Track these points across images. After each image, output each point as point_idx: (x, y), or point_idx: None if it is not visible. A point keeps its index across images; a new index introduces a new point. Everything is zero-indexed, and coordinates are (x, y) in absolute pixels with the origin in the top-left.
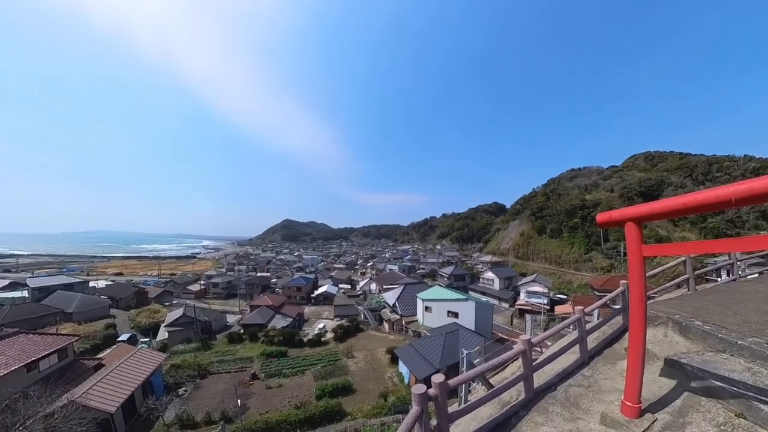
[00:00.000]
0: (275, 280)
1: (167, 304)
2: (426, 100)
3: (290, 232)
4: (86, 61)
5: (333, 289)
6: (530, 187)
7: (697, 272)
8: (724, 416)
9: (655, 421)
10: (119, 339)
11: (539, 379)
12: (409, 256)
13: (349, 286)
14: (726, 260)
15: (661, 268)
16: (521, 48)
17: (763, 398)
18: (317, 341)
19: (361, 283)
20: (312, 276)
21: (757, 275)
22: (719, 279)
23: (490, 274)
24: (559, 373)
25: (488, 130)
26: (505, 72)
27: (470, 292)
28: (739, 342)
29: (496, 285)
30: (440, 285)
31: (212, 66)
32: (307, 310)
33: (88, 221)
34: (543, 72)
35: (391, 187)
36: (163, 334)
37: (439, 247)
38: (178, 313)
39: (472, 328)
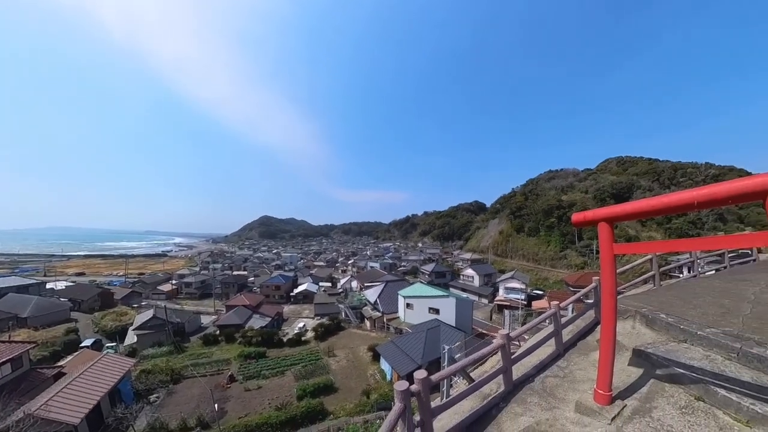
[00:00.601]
0: (253, 278)
1: (135, 305)
2: (408, 97)
3: (268, 229)
4: (38, 37)
5: (313, 288)
6: (510, 187)
7: (662, 269)
8: (685, 400)
9: (624, 407)
10: (82, 345)
11: (518, 371)
12: (390, 254)
13: (329, 284)
14: (687, 258)
15: (630, 266)
16: (502, 52)
17: (718, 383)
18: (297, 341)
19: (342, 281)
20: (291, 274)
21: (714, 272)
22: (681, 275)
23: (470, 271)
24: (536, 365)
25: (470, 130)
26: (486, 74)
27: (451, 289)
28: (698, 332)
29: (476, 282)
30: (421, 282)
31: (184, 51)
32: (287, 309)
33: (46, 217)
34: (522, 77)
35: (372, 184)
36: (131, 337)
37: (420, 244)
38: (147, 315)
39: (453, 324)
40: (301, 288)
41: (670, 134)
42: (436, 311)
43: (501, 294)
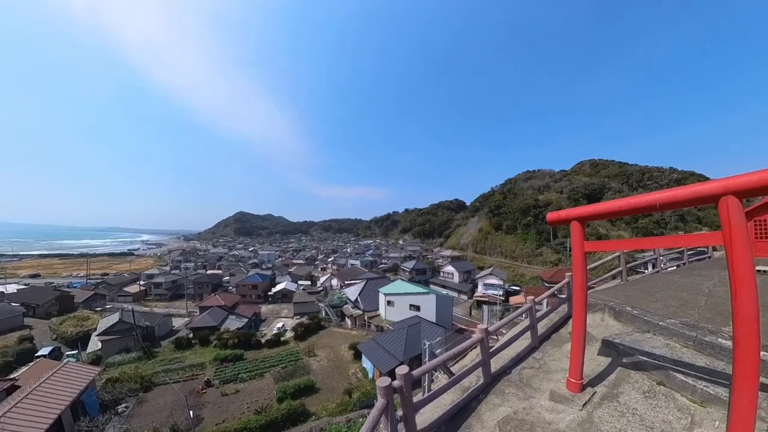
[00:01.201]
0: (228, 277)
1: (99, 309)
2: (392, 93)
3: (244, 226)
4: None
5: (292, 286)
6: (489, 186)
7: (628, 265)
8: (648, 385)
9: (594, 393)
10: (38, 354)
11: (496, 364)
12: (371, 251)
13: (309, 283)
14: (651, 255)
15: (600, 262)
16: (484, 52)
17: (677, 368)
18: (276, 341)
19: (322, 279)
20: (269, 272)
21: (675, 268)
22: (646, 271)
23: (450, 268)
24: (513, 358)
25: (452, 129)
26: (469, 74)
27: (431, 286)
28: (660, 323)
29: (456, 278)
30: (402, 279)
31: (152, 30)
32: (264, 309)
33: None
34: (504, 78)
35: (353, 181)
36: (95, 344)
37: (401, 241)
38: (113, 319)
39: (434, 320)
40: (279, 287)
41: (640, 140)
42: (417, 308)
43: (480, 290)
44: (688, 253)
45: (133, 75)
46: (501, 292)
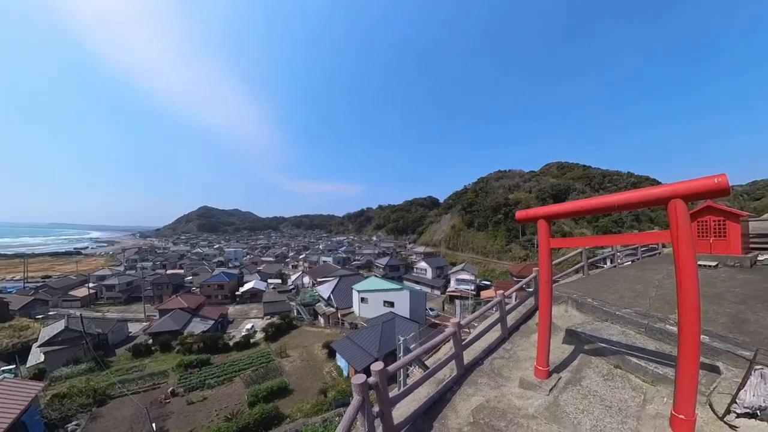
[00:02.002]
0: (191, 277)
1: (40, 316)
2: (369, 89)
3: (209, 222)
4: None
5: (261, 285)
6: (462, 184)
7: (589, 261)
8: (606, 368)
9: (559, 379)
10: None
11: (468, 356)
12: (344, 248)
13: (279, 281)
14: (610, 251)
15: (564, 257)
16: (461, 55)
17: (631, 352)
18: (246, 343)
19: (293, 277)
20: (236, 271)
21: (630, 263)
22: (605, 266)
23: (423, 264)
24: (485, 349)
25: (427, 127)
26: (445, 75)
27: (405, 282)
28: (617, 313)
29: (429, 274)
30: (376, 276)
31: (104, 2)
32: (232, 309)
33: None
34: (480, 81)
35: (326, 176)
36: (36, 356)
37: (375, 238)
38: (57, 327)
39: (408, 316)
40: (247, 286)
41: (603, 145)
42: (391, 304)
43: (452, 285)
44: (642, 249)
45: (82, 52)
46: (473, 287)
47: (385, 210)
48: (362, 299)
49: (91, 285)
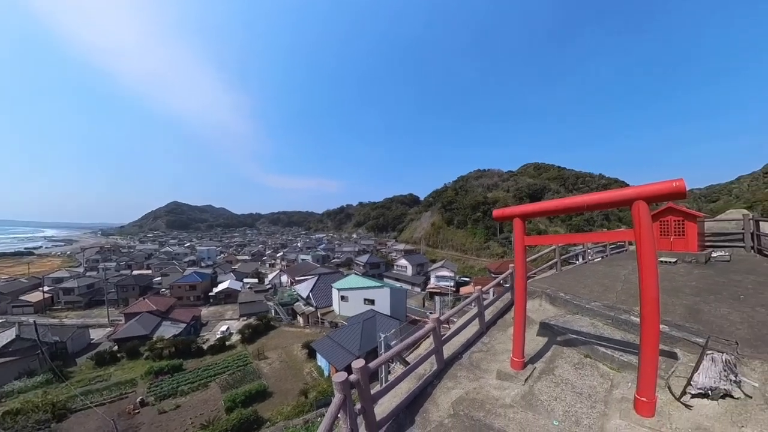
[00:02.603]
0: (160, 278)
1: None
2: (352, 84)
3: (179, 218)
4: None
5: (237, 285)
6: (443, 182)
7: (562, 257)
8: (577, 358)
9: (534, 369)
10: None
11: (448, 350)
12: (323, 245)
13: (256, 280)
14: (581, 248)
15: (539, 254)
16: (445, 56)
17: (600, 342)
18: (221, 346)
19: (270, 276)
20: (209, 271)
21: (599, 259)
22: (576, 262)
23: (403, 261)
24: (464, 343)
25: (411, 125)
26: (431, 75)
27: (385, 279)
28: (587, 306)
29: (409, 271)
30: (356, 274)
31: None
32: (205, 311)
33: None
34: (463, 82)
35: (305, 171)
36: None
37: (355, 235)
38: (7, 336)
39: (388, 313)
40: (222, 286)
41: (577, 148)
42: (372, 302)
43: (432, 282)
44: (610, 247)
45: (35, 25)
46: (452, 284)
47: (366, 207)
48: (342, 297)
49: (46, 288)
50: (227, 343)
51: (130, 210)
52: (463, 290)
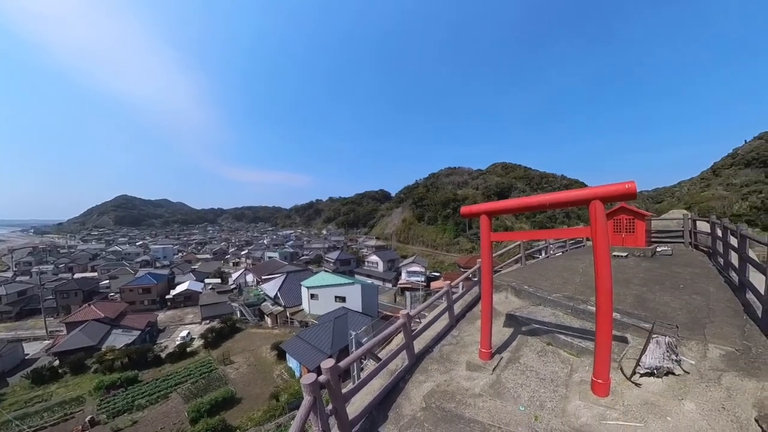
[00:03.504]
0: (108, 281)
1: None
2: (322, 73)
3: (129, 214)
4: None
5: (197, 286)
6: (414, 179)
7: (527, 252)
8: (540, 346)
9: (501, 359)
10: None
11: (419, 345)
12: (291, 242)
13: (218, 281)
14: (544, 244)
15: (505, 249)
16: (418, 51)
17: (560, 331)
18: (181, 353)
19: (235, 276)
20: (166, 271)
21: (560, 254)
22: (539, 257)
23: (374, 258)
24: (434, 337)
25: (382, 120)
26: (404, 71)
27: (356, 276)
28: (548, 297)
29: (380, 267)
30: (326, 271)
31: None
32: (162, 316)
33: None
34: (435, 78)
35: (272, 164)
36: None
37: (324, 231)
38: None
39: (360, 310)
40: (180, 288)
41: (542, 149)
42: (343, 299)
43: (404, 277)
44: (570, 242)
45: None
46: (423, 279)
47: (336, 202)
48: (312, 296)
49: None
50: (188, 349)
51: (70, 205)
52: (434, 285)
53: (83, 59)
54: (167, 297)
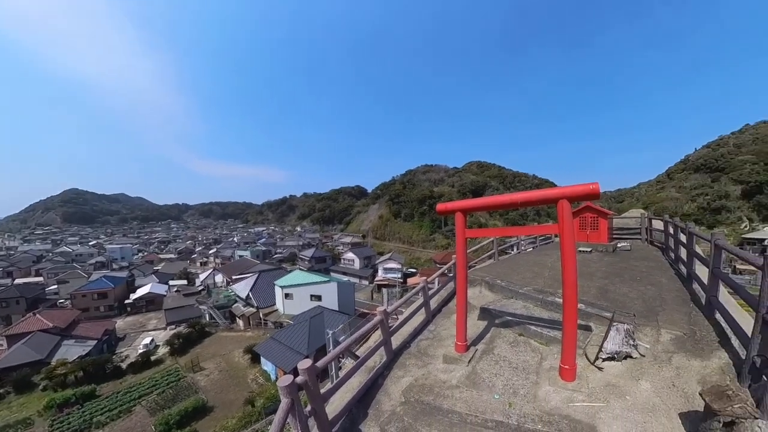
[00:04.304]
0: (56, 286)
1: None
2: (299, 62)
3: (80, 210)
4: None
5: (161, 288)
6: (391, 175)
7: (499, 248)
8: (512, 337)
9: (476, 351)
10: None
11: (396, 340)
12: (263, 240)
13: (184, 282)
14: (516, 240)
15: (479, 245)
16: (402, 50)
17: (531, 322)
18: (145, 362)
19: (203, 276)
20: (124, 274)
21: (531, 249)
22: (511, 252)
23: (350, 255)
24: (411, 333)
25: (359, 114)
26: (385, 69)
27: (332, 274)
28: (520, 291)
29: (357, 264)
30: (301, 269)
31: None
32: (121, 323)
33: None
34: (416, 77)
35: (244, 157)
36: None
37: (299, 228)
38: None
39: (336, 308)
40: (141, 291)
41: (516, 150)
42: (318, 298)
43: (380, 274)
44: (540, 238)
45: None
46: (400, 275)
47: (311, 198)
48: (286, 295)
49: None
50: (153, 357)
51: (8, 200)
52: (411, 281)
53: (20, 28)
54: (127, 302)
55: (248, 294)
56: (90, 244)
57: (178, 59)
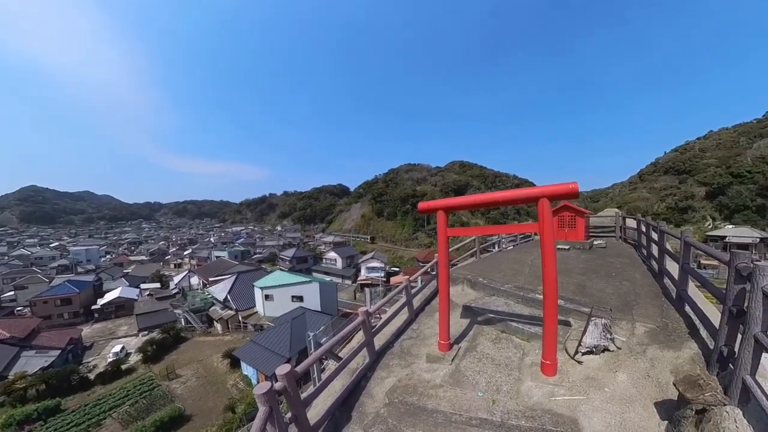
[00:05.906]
0: (12, 292)
1: None
2: (278, 57)
3: (40, 209)
4: None
5: (131, 292)
6: (374, 174)
7: (481, 246)
8: (495, 334)
9: (459, 349)
10: None
11: (380, 341)
12: (242, 239)
13: (157, 285)
14: (497, 238)
15: (461, 244)
16: (383, 47)
17: (512, 318)
18: (115, 372)
19: (177, 279)
20: (91, 278)
21: (512, 247)
22: (493, 250)
23: (333, 254)
24: (394, 332)
25: (340, 113)
26: (366, 66)
27: (314, 274)
28: (501, 288)
29: (339, 264)
30: (281, 269)
31: None
32: (88, 330)
33: None
34: (398, 76)
35: (220, 154)
36: None
37: (279, 228)
38: None
39: (319, 309)
40: (110, 296)
41: (497, 150)
42: (300, 299)
43: (363, 274)
44: (520, 237)
45: None
46: (383, 274)
47: (291, 197)
48: (267, 297)
49: None
50: (124, 366)
51: None
52: (394, 280)
53: None
54: (94, 308)
55: (226, 296)
56: (51, 245)
57: (150, 49)
